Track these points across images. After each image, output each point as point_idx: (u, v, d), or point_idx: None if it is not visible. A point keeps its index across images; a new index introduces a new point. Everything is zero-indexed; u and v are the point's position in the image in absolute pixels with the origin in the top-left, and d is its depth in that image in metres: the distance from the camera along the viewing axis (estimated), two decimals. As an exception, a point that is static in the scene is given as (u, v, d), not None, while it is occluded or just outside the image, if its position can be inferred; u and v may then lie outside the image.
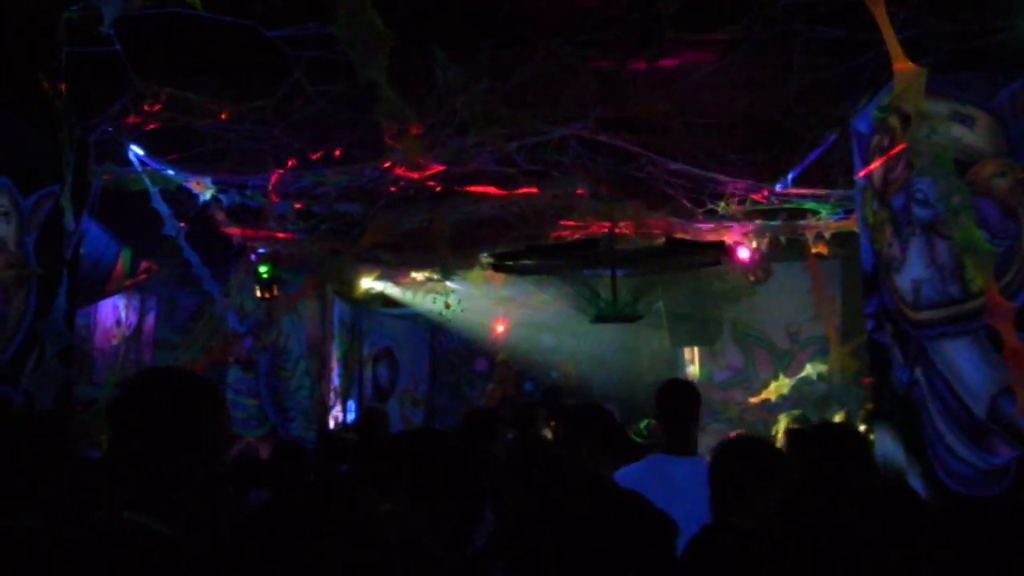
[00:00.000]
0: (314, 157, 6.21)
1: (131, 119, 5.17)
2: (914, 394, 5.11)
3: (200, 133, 6.01)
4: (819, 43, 5.07)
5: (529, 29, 4.60)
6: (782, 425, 7.43)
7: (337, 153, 6.21)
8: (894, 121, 5.26)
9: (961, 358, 4.84)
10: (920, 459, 5.00)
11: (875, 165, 5.48)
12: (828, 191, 7.43)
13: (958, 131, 4.84)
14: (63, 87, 4.55)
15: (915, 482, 4.98)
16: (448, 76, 5.26)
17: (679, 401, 4.89)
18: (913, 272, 5.15)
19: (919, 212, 5.08)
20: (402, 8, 4.29)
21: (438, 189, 7.64)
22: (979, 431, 4.73)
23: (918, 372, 5.07)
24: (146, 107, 4.92)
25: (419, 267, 10.75)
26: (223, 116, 5.14)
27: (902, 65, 4.19)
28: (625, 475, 4.53)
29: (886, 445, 5.44)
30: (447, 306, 11.60)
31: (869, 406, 8.89)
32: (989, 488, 4.68)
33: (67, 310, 5.74)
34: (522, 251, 8.47)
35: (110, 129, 5.79)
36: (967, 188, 4.50)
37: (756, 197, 7.66)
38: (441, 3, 4.50)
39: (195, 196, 8.32)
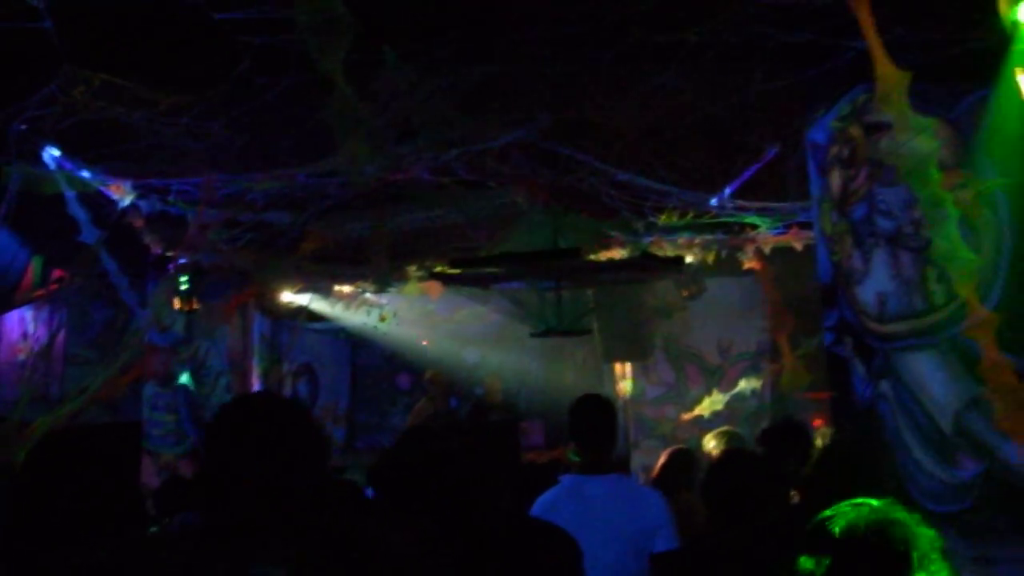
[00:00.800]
0: (255, 159, 5.85)
1: (57, 108, 4.73)
2: (879, 408, 5.01)
3: (125, 131, 5.63)
4: (779, 50, 4.97)
5: (490, 23, 4.38)
6: (711, 443, 7.33)
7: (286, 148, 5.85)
8: (855, 131, 5.18)
9: (927, 371, 4.77)
10: (888, 474, 4.89)
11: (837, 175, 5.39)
12: (780, 203, 7.36)
13: (921, 141, 4.77)
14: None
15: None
16: (398, 76, 5.02)
17: (592, 418, 4.64)
18: (877, 284, 5.05)
19: (882, 223, 4.99)
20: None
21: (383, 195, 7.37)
22: (946, 445, 4.66)
23: (885, 385, 4.98)
24: (76, 94, 4.52)
25: (350, 279, 10.41)
26: (159, 106, 4.75)
27: (886, 68, 4.07)
28: (544, 501, 4.36)
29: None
30: (382, 319, 11.29)
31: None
32: (956, 503, 4.61)
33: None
34: (481, 259, 8.20)
35: (23, 127, 5.38)
36: (949, 196, 4.42)
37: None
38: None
39: (113, 201, 7.90)
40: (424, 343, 15.08)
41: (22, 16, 3.84)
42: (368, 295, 11.28)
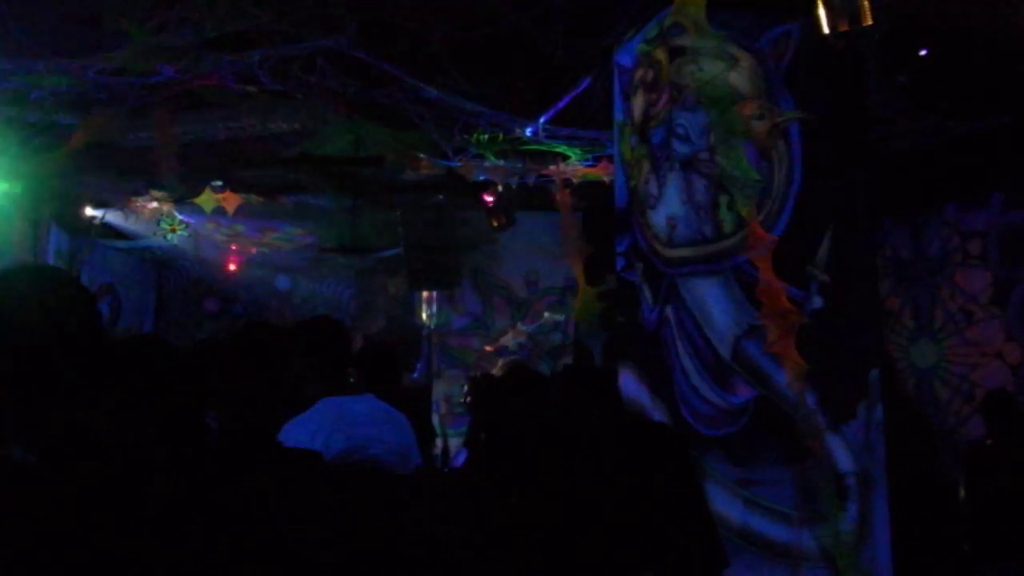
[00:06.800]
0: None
1: None
2: (663, 333, 5.03)
3: None
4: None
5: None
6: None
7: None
8: (660, 54, 5.11)
9: (710, 298, 4.82)
10: (666, 398, 4.94)
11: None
12: (583, 132, 7.30)
13: (723, 68, 4.76)
14: None
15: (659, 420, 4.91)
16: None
17: (325, 340, 4.39)
18: (669, 209, 5.04)
19: (679, 148, 4.97)
20: None
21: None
22: (722, 371, 4.75)
23: (668, 311, 4.99)
24: None
25: (139, 188, 9.79)
26: None
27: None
28: (299, 422, 4.10)
29: (630, 386, 5.34)
30: (173, 230, 10.67)
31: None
32: (728, 427, 4.71)
33: None
34: (278, 158, 7.78)
35: None
36: (738, 119, 4.42)
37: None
38: None
39: None
40: (233, 267, 14.56)
41: None
42: (168, 206, 10.61)
